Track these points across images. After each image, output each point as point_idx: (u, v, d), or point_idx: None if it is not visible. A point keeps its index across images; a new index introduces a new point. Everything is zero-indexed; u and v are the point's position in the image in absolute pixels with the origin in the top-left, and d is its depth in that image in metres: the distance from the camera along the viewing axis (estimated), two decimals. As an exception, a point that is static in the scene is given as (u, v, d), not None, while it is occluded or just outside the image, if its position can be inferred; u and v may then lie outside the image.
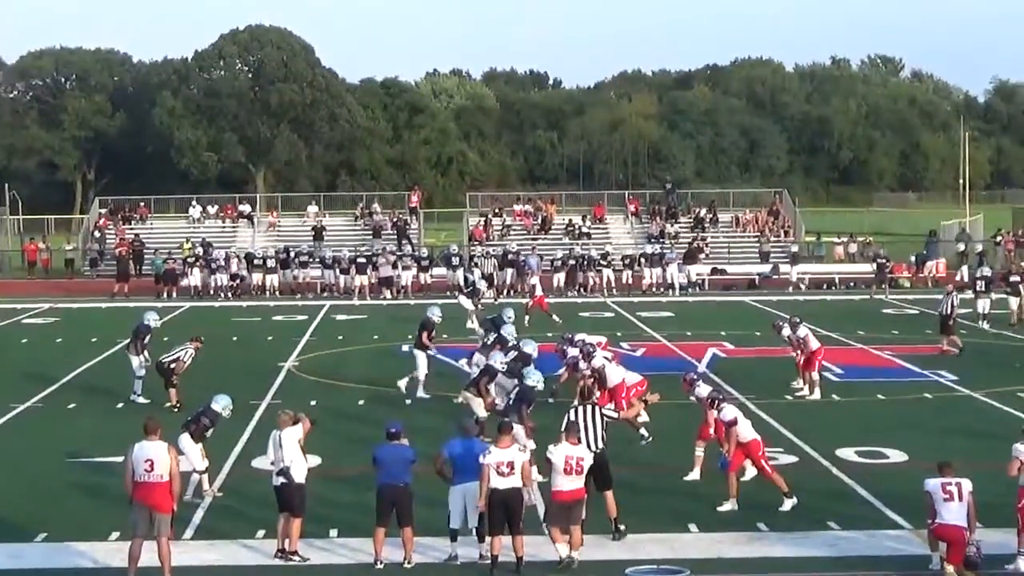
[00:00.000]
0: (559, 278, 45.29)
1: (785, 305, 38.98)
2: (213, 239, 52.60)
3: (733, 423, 16.45)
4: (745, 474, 16.83)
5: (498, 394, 20.85)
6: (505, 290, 44.71)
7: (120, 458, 14.43)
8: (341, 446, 19.29)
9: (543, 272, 44.28)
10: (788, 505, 16.09)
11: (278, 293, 45.22)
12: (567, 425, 14.61)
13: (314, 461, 16.39)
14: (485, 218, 56.76)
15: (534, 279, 41.30)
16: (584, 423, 15.12)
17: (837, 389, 24.92)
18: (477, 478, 13.73)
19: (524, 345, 22.35)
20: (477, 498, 13.75)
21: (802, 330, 24.60)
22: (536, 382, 18.24)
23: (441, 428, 18.52)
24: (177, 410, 21.69)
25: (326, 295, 44.67)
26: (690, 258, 48.26)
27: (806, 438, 20.12)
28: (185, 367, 22.98)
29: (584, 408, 15.40)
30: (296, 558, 14.22)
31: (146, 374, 23.87)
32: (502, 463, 13.67)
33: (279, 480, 14.41)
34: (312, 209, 59.73)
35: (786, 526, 15.43)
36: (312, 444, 15.45)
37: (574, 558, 13.89)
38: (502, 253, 46.97)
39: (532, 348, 22.19)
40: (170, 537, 13.53)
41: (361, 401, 24.17)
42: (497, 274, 45.26)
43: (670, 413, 20.59)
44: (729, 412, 16.66)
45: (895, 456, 19.14)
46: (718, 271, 49.31)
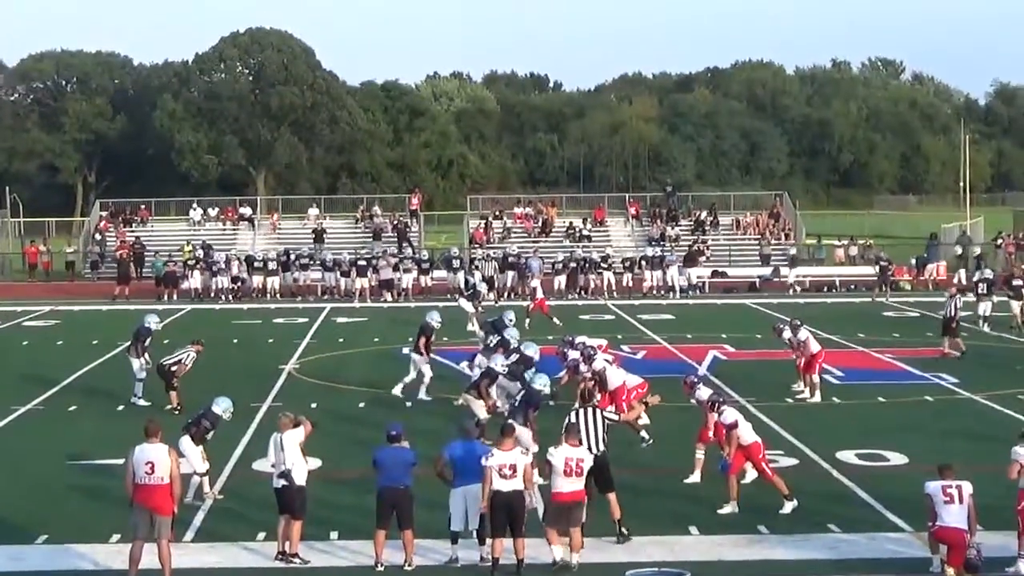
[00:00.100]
0: (560, 281, 45.28)
1: (786, 308, 38.99)
2: (213, 242, 52.65)
3: (734, 426, 16.46)
4: (745, 477, 16.85)
5: (499, 396, 20.90)
6: (506, 293, 44.71)
7: (121, 460, 14.44)
8: (341, 448, 19.30)
9: (544, 275, 44.27)
10: (789, 508, 16.10)
11: (279, 296, 45.25)
12: (567, 427, 14.63)
13: (314, 463, 16.41)
14: (486, 221, 56.74)
15: (535, 282, 41.28)
16: (585, 425, 15.13)
17: (838, 392, 24.92)
18: (478, 480, 13.73)
19: (526, 348, 22.38)
20: (478, 500, 13.76)
21: (803, 333, 24.59)
22: (543, 386, 18.33)
23: (442, 430, 18.52)
24: (178, 412, 21.69)
25: (327, 298, 44.65)
26: (690, 261, 48.22)
27: (807, 441, 20.12)
28: (186, 370, 23.00)
29: (585, 410, 15.41)
30: (297, 560, 14.23)
31: (147, 376, 23.90)
32: (504, 465, 13.67)
33: (280, 483, 14.42)
34: (313, 212, 59.75)
35: (787, 529, 15.44)
36: (312, 446, 15.46)
37: (573, 561, 13.90)
38: (503, 256, 47.00)
39: (534, 351, 22.23)
40: (171, 539, 13.55)
41: (361, 404, 24.17)
42: (497, 277, 45.26)
43: (671, 416, 20.59)
44: (730, 415, 16.68)
45: (896, 459, 19.14)
46: (719, 274, 49.31)
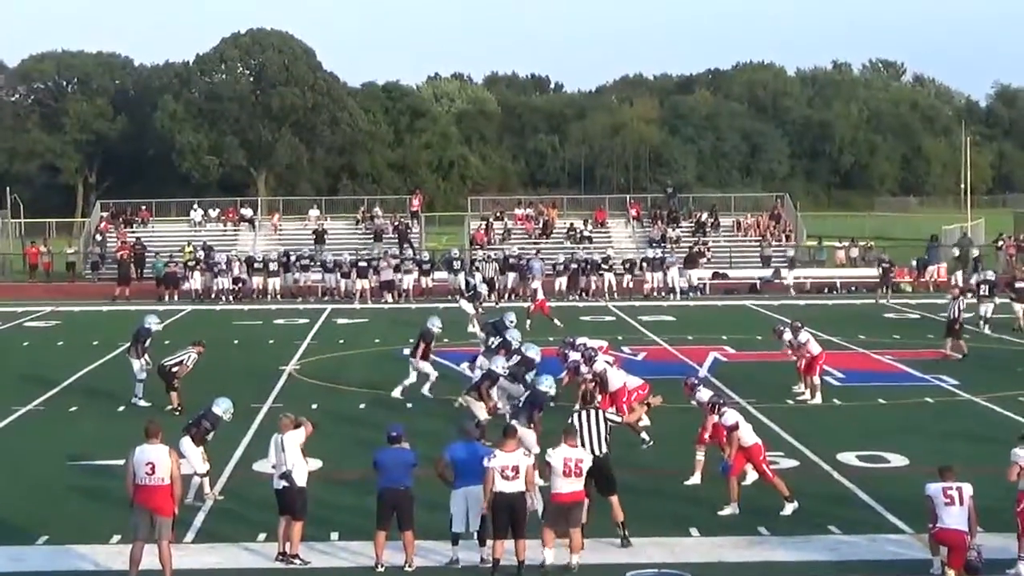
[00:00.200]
0: (561, 282, 45.29)
1: (786, 309, 38.98)
2: (214, 243, 52.64)
3: (734, 427, 16.45)
4: (746, 478, 16.84)
5: (500, 398, 20.89)
6: (506, 294, 44.72)
7: (121, 461, 14.44)
8: (342, 449, 19.30)
9: (545, 276, 44.27)
10: (789, 509, 16.08)
11: (279, 297, 45.25)
12: (566, 427, 14.62)
13: (315, 464, 16.41)
14: (486, 222, 56.73)
15: (536, 283, 41.29)
16: (588, 427, 15.09)
17: (838, 393, 24.92)
18: (479, 481, 13.73)
19: (527, 350, 22.37)
20: (479, 502, 13.75)
21: (803, 335, 24.58)
22: (548, 387, 18.30)
23: (442, 432, 18.51)
24: (178, 413, 21.69)
25: (327, 299, 44.65)
26: (691, 262, 48.22)
27: (807, 442, 20.11)
28: (187, 371, 23.00)
29: (587, 412, 15.38)
30: (297, 561, 14.23)
31: (147, 377, 23.90)
32: (507, 467, 13.67)
33: (281, 483, 14.42)
34: (313, 213, 59.76)
35: (787, 530, 15.43)
36: (313, 447, 15.46)
37: (573, 562, 13.89)
38: (504, 257, 47.00)
39: (535, 353, 22.22)
40: (171, 540, 13.55)
41: (362, 405, 24.16)
42: (498, 278, 45.27)
43: (671, 417, 20.59)
44: (730, 416, 16.67)
45: (896, 460, 19.14)
46: (719, 275, 49.31)
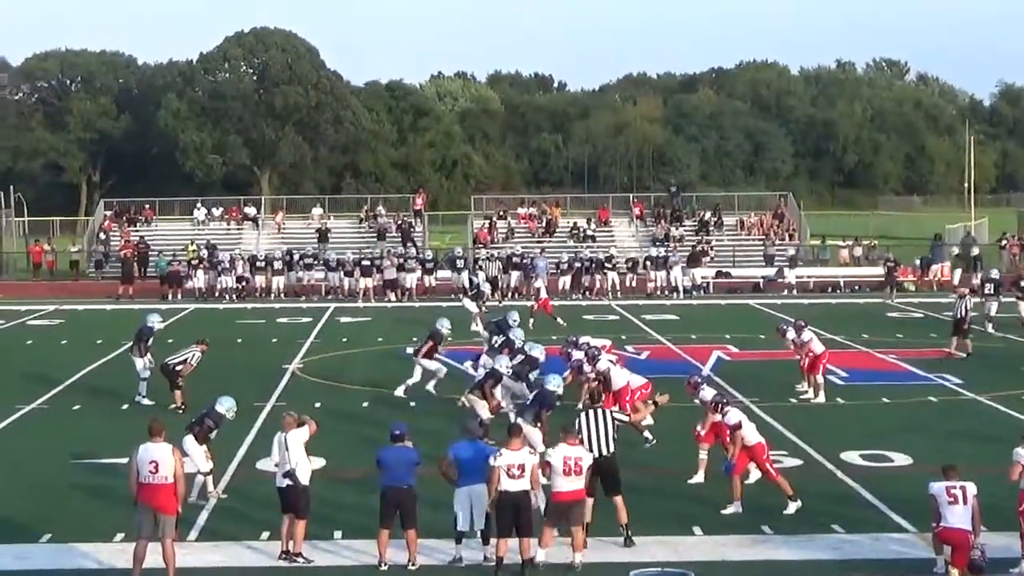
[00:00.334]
0: (564, 281, 45.28)
1: (790, 308, 38.96)
2: (218, 241, 52.76)
3: (738, 427, 16.45)
4: (749, 477, 16.84)
5: (504, 397, 20.89)
6: (510, 293, 44.73)
7: (125, 459, 14.46)
8: (345, 448, 19.30)
9: (549, 275, 44.25)
10: (792, 508, 16.08)
11: (283, 295, 45.27)
12: (565, 426, 14.61)
13: (318, 463, 16.43)
14: (490, 221, 56.72)
15: (539, 282, 41.28)
16: (596, 427, 15.05)
17: (842, 392, 24.91)
18: (483, 480, 13.74)
19: (531, 349, 22.37)
20: (484, 500, 13.75)
21: (807, 334, 24.58)
22: (556, 387, 18.30)
23: (445, 430, 18.52)
24: (182, 412, 21.71)
25: (330, 297, 44.67)
26: (694, 261, 48.22)
27: (810, 441, 20.11)
28: (191, 369, 23.02)
29: (594, 412, 15.33)
30: (300, 560, 14.24)
31: (151, 375, 23.91)
32: (513, 465, 13.67)
33: (284, 482, 14.42)
34: (317, 211, 59.75)
35: (790, 529, 15.43)
36: (316, 446, 15.47)
37: (576, 560, 13.90)
38: (507, 256, 46.99)
39: (540, 352, 22.22)
40: (175, 539, 13.57)
41: (365, 403, 24.17)
42: (501, 277, 45.28)
43: (674, 416, 20.56)
44: (734, 416, 16.67)
45: (900, 459, 19.13)
46: (723, 274, 49.30)
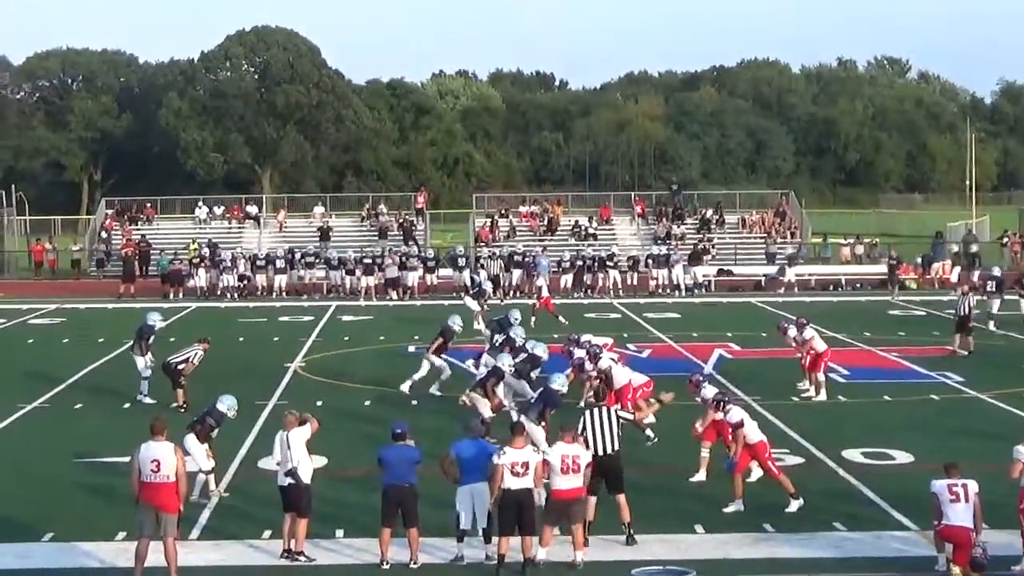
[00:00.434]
0: (566, 279, 45.29)
1: (791, 306, 38.95)
2: (219, 240, 52.76)
3: (740, 425, 16.45)
4: (751, 475, 16.84)
5: (506, 395, 20.88)
6: (511, 291, 44.74)
7: (127, 458, 14.45)
8: (347, 446, 19.30)
9: (551, 273, 44.22)
10: (794, 506, 16.08)
11: (284, 294, 45.28)
12: (564, 424, 14.61)
13: (320, 461, 16.44)
14: (491, 219, 56.71)
15: (541, 280, 41.28)
16: (601, 426, 15.03)
17: (843, 390, 24.91)
18: (485, 478, 13.74)
19: (534, 348, 22.36)
20: (486, 498, 13.75)
21: (808, 332, 24.58)
22: (561, 386, 18.29)
23: (447, 429, 18.53)
24: (184, 410, 21.72)
25: (332, 296, 44.69)
26: (696, 259, 48.22)
27: (812, 439, 20.11)
28: (194, 368, 23.02)
29: (598, 410, 15.32)
30: (302, 558, 14.24)
31: (152, 374, 23.91)
32: (517, 463, 13.67)
33: (286, 481, 14.42)
34: (318, 210, 59.78)
35: (792, 527, 15.43)
36: (318, 445, 15.47)
37: (578, 559, 13.90)
38: (509, 254, 46.98)
39: (542, 350, 22.20)
40: (176, 537, 13.57)
41: (367, 402, 24.18)
42: (503, 275, 45.28)
43: (676, 414, 20.53)
44: (736, 414, 16.66)
45: (901, 457, 19.13)
46: (724, 272, 49.31)
